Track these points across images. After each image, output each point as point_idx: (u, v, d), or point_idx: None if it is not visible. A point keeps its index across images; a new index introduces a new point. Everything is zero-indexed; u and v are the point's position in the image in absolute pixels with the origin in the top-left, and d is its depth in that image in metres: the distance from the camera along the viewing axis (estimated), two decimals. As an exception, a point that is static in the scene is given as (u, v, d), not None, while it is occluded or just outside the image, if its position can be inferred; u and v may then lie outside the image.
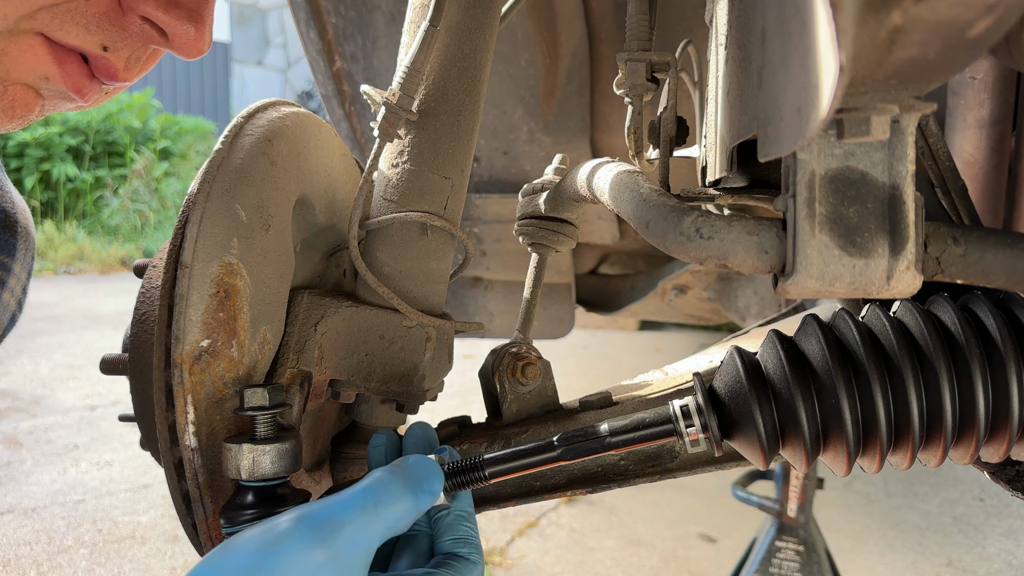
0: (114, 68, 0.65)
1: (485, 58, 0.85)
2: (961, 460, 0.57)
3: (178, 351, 0.62)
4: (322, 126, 0.84)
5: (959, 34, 0.33)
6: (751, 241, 0.51)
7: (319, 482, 0.85)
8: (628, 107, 0.87)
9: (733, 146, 0.62)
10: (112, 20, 0.63)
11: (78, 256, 7.40)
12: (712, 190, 0.70)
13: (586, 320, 3.45)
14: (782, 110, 0.44)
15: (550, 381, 0.86)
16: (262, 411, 0.63)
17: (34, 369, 4.00)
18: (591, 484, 0.80)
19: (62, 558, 2.24)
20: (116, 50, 0.64)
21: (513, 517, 2.63)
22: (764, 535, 1.75)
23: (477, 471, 0.61)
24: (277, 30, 10.61)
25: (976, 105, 0.95)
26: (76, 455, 3.00)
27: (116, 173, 8.54)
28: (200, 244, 0.64)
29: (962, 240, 0.54)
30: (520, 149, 1.78)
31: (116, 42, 0.64)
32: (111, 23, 0.63)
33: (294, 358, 0.72)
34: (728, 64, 0.63)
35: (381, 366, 0.79)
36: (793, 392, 0.55)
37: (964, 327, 0.55)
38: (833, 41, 0.33)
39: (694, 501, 2.81)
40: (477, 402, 0.91)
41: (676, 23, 1.46)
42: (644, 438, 0.60)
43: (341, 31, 1.68)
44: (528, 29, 1.57)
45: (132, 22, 0.64)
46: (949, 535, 2.64)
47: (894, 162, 0.49)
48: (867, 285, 0.50)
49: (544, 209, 0.91)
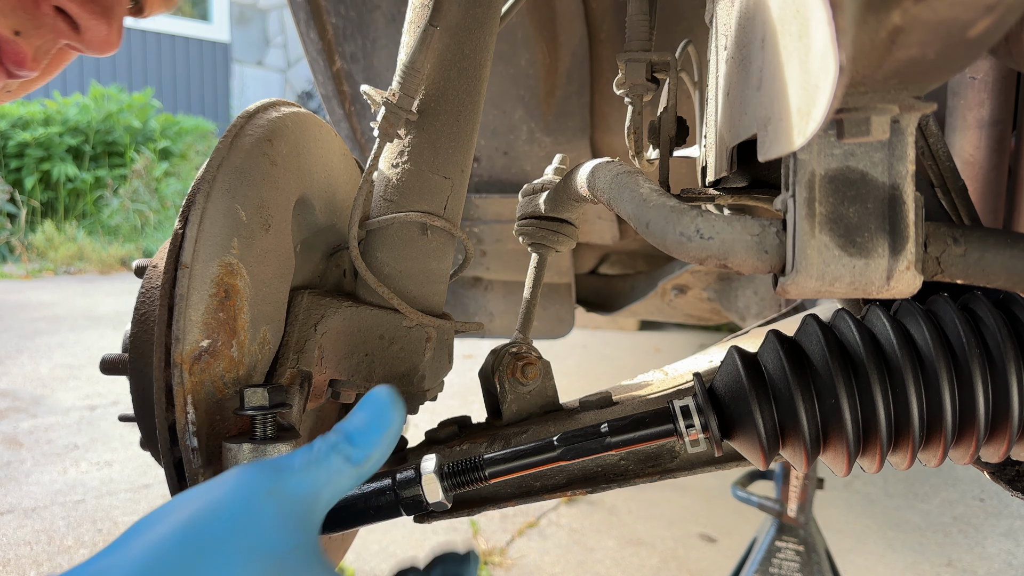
0: (23, 54, 0.66)
1: (485, 58, 0.85)
2: (961, 460, 0.57)
3: (178, 351, 0.62)
4: (322, 126, 0.84)
5: (959, 34, 0.33)
6: (751, 241, 0.51)
7: (319, 482, 0.85)
8: (628, 107, 0.87)
9: (733, 146, 0.62)
10: (26, 7, 0.64)
11: (78, 256, 7.40)
12: (712, 190, 0.70)
13: (586, 320, 3.45)
14: (782, 110, 0.44)
15: (550, 381, 0.86)
16: (262, 411, 0.63)
17: (34, 369, 4.00)
18: (591, 484, 0.80)
19: (62, 558, 2.24)
20: (27, 36, 0.65)
21: (513, 517, 2.63)
22: (764, 535, 1.75)
23: (477, 471, 0.61)
24: (277, 30, 10.62)
25: (976, 105, 0.95)
26: (76, 455, 3.00)
27: (116, 173, 8.54)
28: (200, 244, 0.64)
29: (962, 240, 0.54)
30: (520, 149, 1.78)
31: (28, 29, 0.65)
32: (24, 10, 0.64)
33: (294, 358, 0.72)
34: (728, 64, 0.63)
35: (381, 366, 0.79)
36: (793, 392, 0.55)
37: (964, 327, 0.55)
38: (833, 41, 0.33)
39: (694, 501, 2.81)
40: (477, 402, 0.91)
41: (676, 23, 1.46)
42: (644, 438, 0.60)
43: (341, 31, 1.68)
44: (528, 29, 1.57)
45: (46, 12, 0.65)
46: (949, 535, 2.64)
47: (894, 162, 0.49)
48: (867, 285, 0.50)
49: (544, 209, 0.91)
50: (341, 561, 1.17)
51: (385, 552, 2.37)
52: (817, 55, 0.36)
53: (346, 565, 2.26)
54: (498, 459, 0.62)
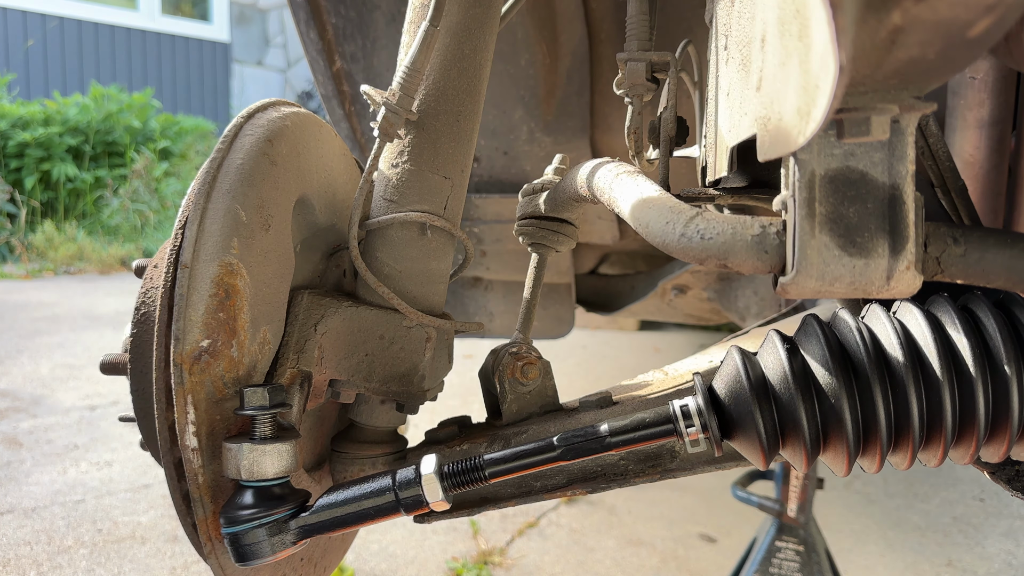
0: None
1: (485, 58, 0.85)
2: (961, 460, 0.57)
3: (178, 351, 0.62)
4: (322, 126, 0.84)
5: (959, 34, 0.33)
6: (751, 241, 0.51)
7: (319, 482, 0.85)
8: (628, 107, 0.87)
9: (733, 146, 0.62)
10: None
11: (78, 256, 7.40)
12: (712, 190, 0.70)
13: (586, 320, 3.45)
14: (782, 110, 0.44)
15: (550, 381, 0.86)
16: (262, 411, 0.63)
17: (34, 369, 4.00)
18: (591, 484, 0.80)
19: (62, 558, 2.24)
20: None
21: (513, 517, 2.63)
22: (764, 535, 1.75)
23: (477, 471, 0.61)
24: (277, 30, 10.61)
25: (976, 105, 0.95)
26: (76, 455, 3.00)
27: (116, 173, 8.54)
28: (200, 244, 0.64)
29: (962, 240, 0.54)
30: (520, 149, 1.78)
31: None
32: None
33: (294, 358, 0.72)
34: (728, 64, 0.63)
35: (381, 366, 0.79)
36: (793, 392, 0.55)
37: (964, 327, 0.55)
38: (833, 41, 0.33)
39: (694, 501, 2.81)
40: (477, 402, 0.90)
41: (676, 23, 1.46)
42: (644, 438, 0.60)
43: (341, 31, 1.68)
44: (528, 29, 1.57)
45: None
46: (949, 535, 2.63)
47: (894, 162, 0.49)
48: (867, 285, 0.50)
49: (544, 209, 0.91)
50: (341, 561, 1.17)
51: (385, 552, 2.37)
52: (817, 55, 0.36)
53: (346, 565, 2.25)
54: (498, 459, 0.62)
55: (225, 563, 0.65)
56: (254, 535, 0.60)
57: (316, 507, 0.62)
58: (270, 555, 0.61)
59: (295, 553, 0.75)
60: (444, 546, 2.42)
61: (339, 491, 0.63)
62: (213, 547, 0.64)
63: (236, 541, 0.61)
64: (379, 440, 0.85)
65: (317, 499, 0.64)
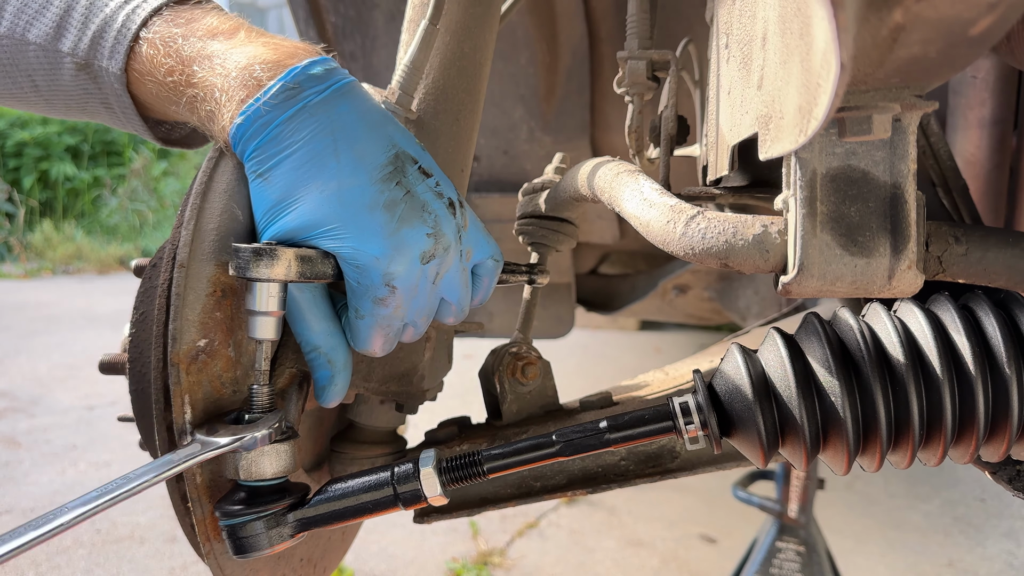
0: None
1: (485, 57, 0.84)
2: (961, 459, 0.57)
3: (175, 351, 0.62)
4: (321, 125, 0.84)
5: (961, 32, 0.33)
6: (752, 240, 0.51)
7: (319, 482, 0.85)
8: (628, 106, 0.87)
9: (734, 145, 0.62)
10: None
11: (76, 256, 7.39)
12: (713, 189, 0.70)
13: (586, 320, 3.44)
14: (783, 108, 0.44)
15: (550, 381, 0.86)
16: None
17: (32, 369, 4.00)
18: (591, 484, 0.80)
19: (60, 558, 2.24)
20: None
21: (513, 518, 2.62)
22: (765, 536, 1.75)
23: (475, 466, 0.61)
24: (277, 29, 10.61)
25: (977, 104, 0.95)
26: (75, 455, 3.00)
27: (114, 172, 8.54)
28: (197, 243, 0.64)
29: (963, 239, 0.54)
30: (520, 148, 1.78)
31: None
32: None
33: (293, 358, 0.72)
34: (729, 63, 0.63)
35: (380, 366, 0.79)
36: (793, 390, 0.55)
37: (964, 326, 0.55)
38: (834, 39, 0.33)
39: (694, 501, 2.81)
40: (477, 402, 0.90)
41: (676, 22, 1.46)
42: (643, 435, 0.60)
43: (340, 29, 1.67)
44: (528, 28, 1.57)
45: None
46: (950, 535, 2.63)
47: (895, 161, 0.49)
48: (868, 284, 0.50)
49: (544, 208, 0.91)
50: (341, 561, 1.16)
51: (385, 552, 2.37)
52: (818, 53, 0.36)
53: (345, 566, 2.25)
54: (496, 454, 0.61)
55: (224, 563, 0.65)
56: (252, 527, 0.60)
57: (314, 500, 0.62)
58: (268, 548, 0.61)
59: (295, 554, 0.74)
60: (444, 547, 2.42)
61: (337, 484, 0.63)
62: (211, 547, 0.64)
63: (234, 533, 0.60)
64: (378, 440, 0.84)
65: (315, 492, 0.63)
